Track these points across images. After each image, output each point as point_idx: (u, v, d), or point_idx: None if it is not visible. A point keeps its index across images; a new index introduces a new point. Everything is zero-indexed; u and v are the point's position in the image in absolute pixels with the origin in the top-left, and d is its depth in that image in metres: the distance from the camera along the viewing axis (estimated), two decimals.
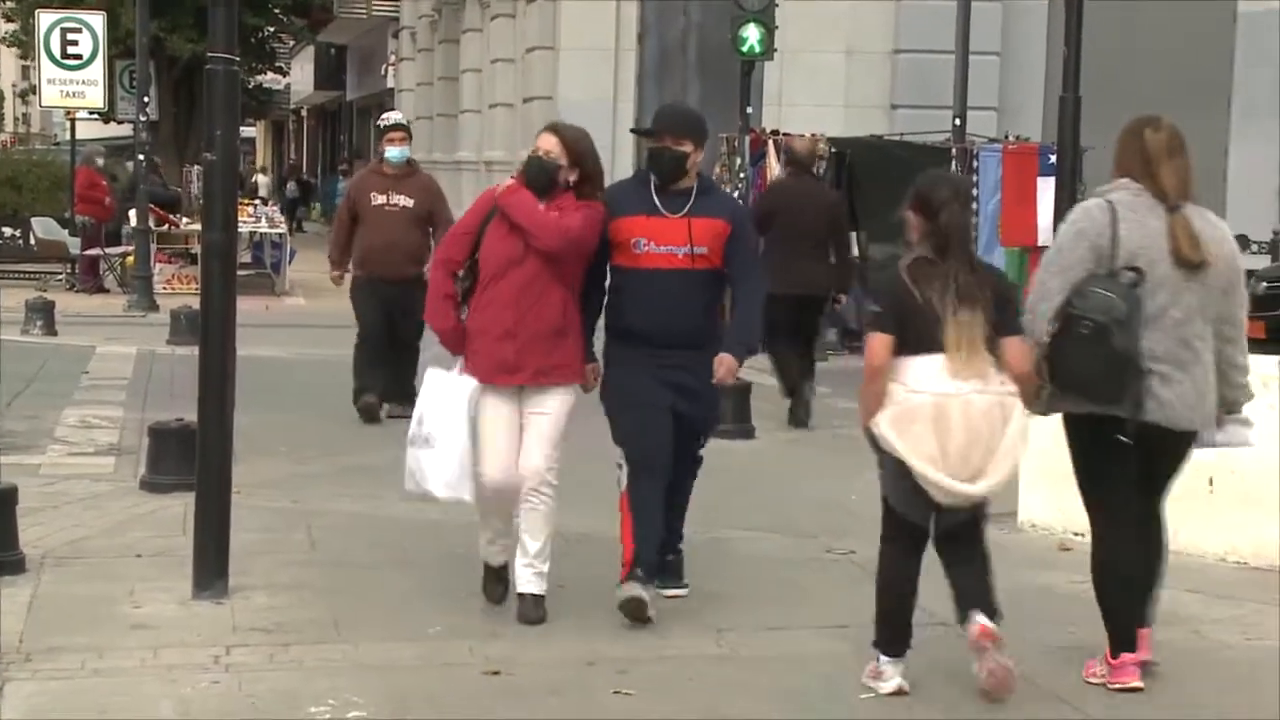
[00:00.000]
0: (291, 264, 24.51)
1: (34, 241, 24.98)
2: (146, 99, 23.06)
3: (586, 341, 6.93)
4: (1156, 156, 6.01)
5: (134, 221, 21.72)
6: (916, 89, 21.83)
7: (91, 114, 28.44)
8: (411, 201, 11.99)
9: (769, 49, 16.68)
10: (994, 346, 5.90)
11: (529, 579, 6.83)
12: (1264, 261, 19.08)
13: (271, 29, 41.22)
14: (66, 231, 24.60)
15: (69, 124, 27.93)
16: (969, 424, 5.80)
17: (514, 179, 6.91)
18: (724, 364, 6.81)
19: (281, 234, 24.64)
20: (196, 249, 19.06)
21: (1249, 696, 6.22)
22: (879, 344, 5.92)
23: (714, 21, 20.27)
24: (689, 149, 6.83)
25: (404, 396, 11.42)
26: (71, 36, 23.87)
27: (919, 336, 5.86)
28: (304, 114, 61.24)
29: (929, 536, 6.06)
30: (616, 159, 18.46)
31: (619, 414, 6.92)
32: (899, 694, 5.98)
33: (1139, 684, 6.08)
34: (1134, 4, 21.93)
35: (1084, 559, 6.36)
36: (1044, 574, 7.84)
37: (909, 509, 5.97)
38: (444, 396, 6.78)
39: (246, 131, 60.19)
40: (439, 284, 6.91)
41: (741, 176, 16.86)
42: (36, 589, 7.12)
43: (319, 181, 52.42)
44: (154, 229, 22.15)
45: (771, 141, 17.00)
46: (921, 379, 5.84)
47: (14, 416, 11.83)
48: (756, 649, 6.61)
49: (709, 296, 6.89)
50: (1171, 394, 5.96)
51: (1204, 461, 6.71)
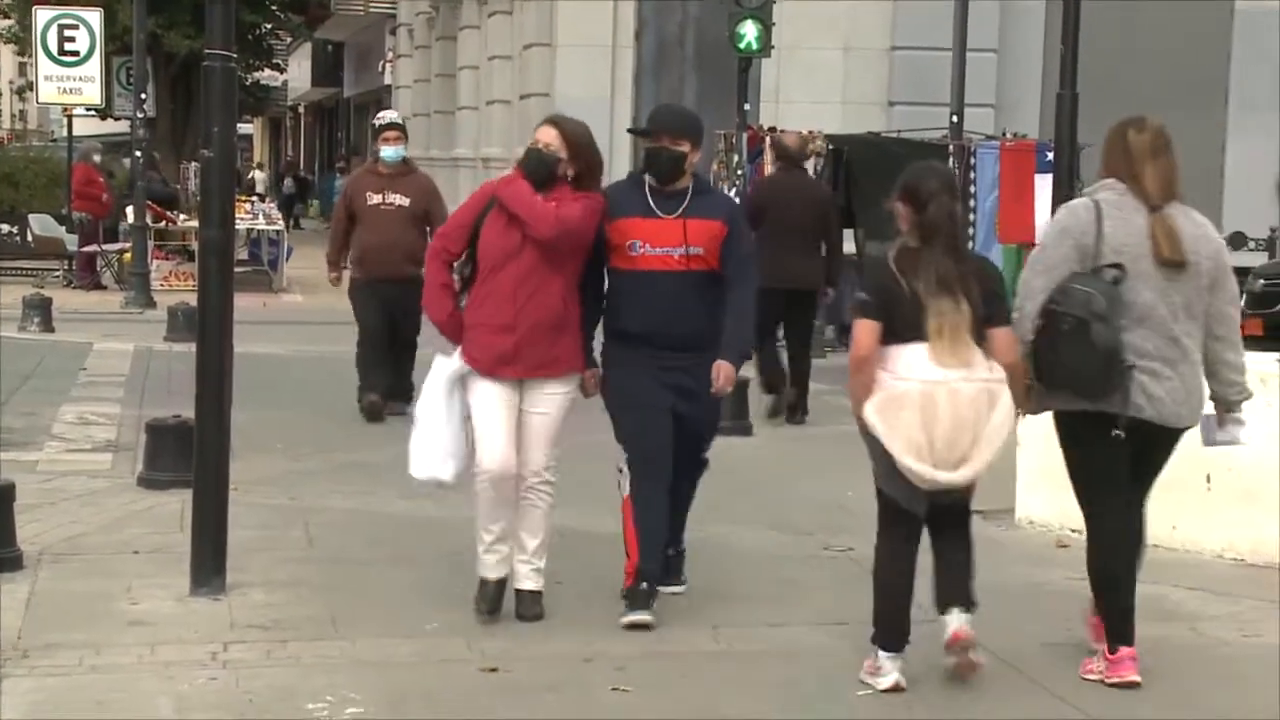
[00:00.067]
0: (289, 261, 24.50)
1: (31, 238, 24.96)
2: (144, 95, 23.06)
3: (587, 339, 6.89)
4: (1140, 157, 6.05)
5: (131, 218, 21.69)
6: (914, 86, 21.82)
7: (89, 110, 28.46)
8: (407, 201, 11.97)
9: (766, 45, 16.63)
10: (982, 336, 5.93)
11: (526, 575, 6.83)
12: (1261, 258, 19.08)
13: (269, 26, 41.11)
14: (64, 228, 24.56)
15: (66, 120, 27.85)
16: (956, 411, 5.82)
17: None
18: (722, 373, 6.75)
19: (279, 231, 24.64)
20: (194, 246, 19.01)
21: (1246, 693, 6.22)
22: (865, 330, 5.96)
23: (711, 18, 20.24)
24: (686, 149, 6.78)
25: (404, 394, 11.48)
26: (69, 33, 23.82)
27: (906, 325, 5.90)
28: (301, 111, 61.21)
29: (924, 526, 6.08)
30: (614, 156, 18.43)
31: (620, 415, 6.89)
32: (896, 690, 5.98)
33: (1136, 678, 6.08)
34: (1131, 2, 21.95)
35: (1081, 556, 6.36)
36: (1041, 570, 7.85)
37: (902, 495, 5.98)
38: (432, 379, 6.80)
39: (244, 128, 60.24)
40: (435, 274, 6.88)
41: (739, 173, 16.84)
42: (34, 586, 7.12)
43: (316, 178, 52.38)
44: (151, 226, 22.13)
45: (769, 138, 16.98)
46: (908, 367, 5.88)
47: (11, 413, 11.82)
48: (754, 645, 6.61)
49: (707, 298, 6.79)
50: (1161, 390, 5.98)
51: (1202, 458, 6.72)
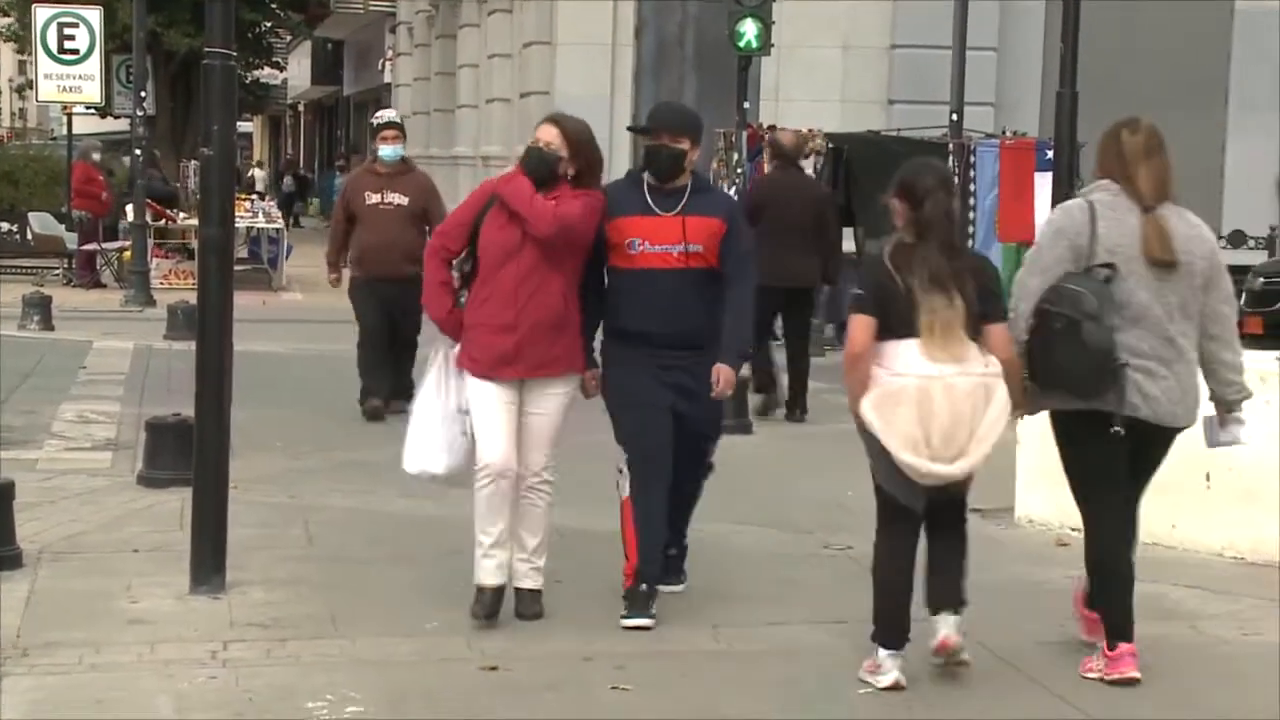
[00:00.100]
0: (288, 259, 24.49)
1: (31, 236, 24.97)
2: (143, 94, 23.05)
3: (587, 340, 6.87)
4: (1133, 158, 6.08)
5: (131, 216, 21.69)
6: (913, 84, 21.82)
7: (88, 109, 28.40)
8: (406, 200, 11.95)
9: (766, 44, 16.61)
10: (977, 333, 5.95)
11: (526, 574, 6.82)
12: (1261, 257, 19.08)
13: (269, 24, 41.15)
14: (63, 226, 24.56)
15: (66, 119, 27.85)
16: (953, 406, 5.83)
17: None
18: (722, 376, 6.71)
19: (279, 229, 24.64)
20: (194, 244, 19.03)
21: (1245, 692, 6.22)
22: (859, 326, 5.98)
23: (711, 16, 20.23)
24: (686, 146, 6.77)
25: (405, 393, 11.43)
26: (68, 31, 23.80)
27: (901, 321, 5.91)
28: (301, 109, 61.20)
29: (922, 522, 6.09)
30: (613, 154, 18.42)
31: (620, 414, 6.87)
32: (896, 689, 5.98)
33: (1136, 674, 6.07)
34: (1131, 1, 21.94)
35: (1081, 554, 6.36)
36: (1041, 569, 7.84)
37: (901, 491, 5.98)
38: (427, 373, 6.83)
39: (243, 126, 60.24)
40: (434, 272, 6.86)
41: (739, 172, 16.84)
42: (34, 584, 7.12)
43: (316, 177, 52.38)
44: (151, 224, 22.13)
45: (768, 136, 16.98)
46: (904, 362, 5.89)
47: (11, 411, 11.82)
48: (753, 644, 6.61)
49: (707, 296, 6.76)
50: (1157, 390, 6.00)
51: (1201, 457, 6.72)
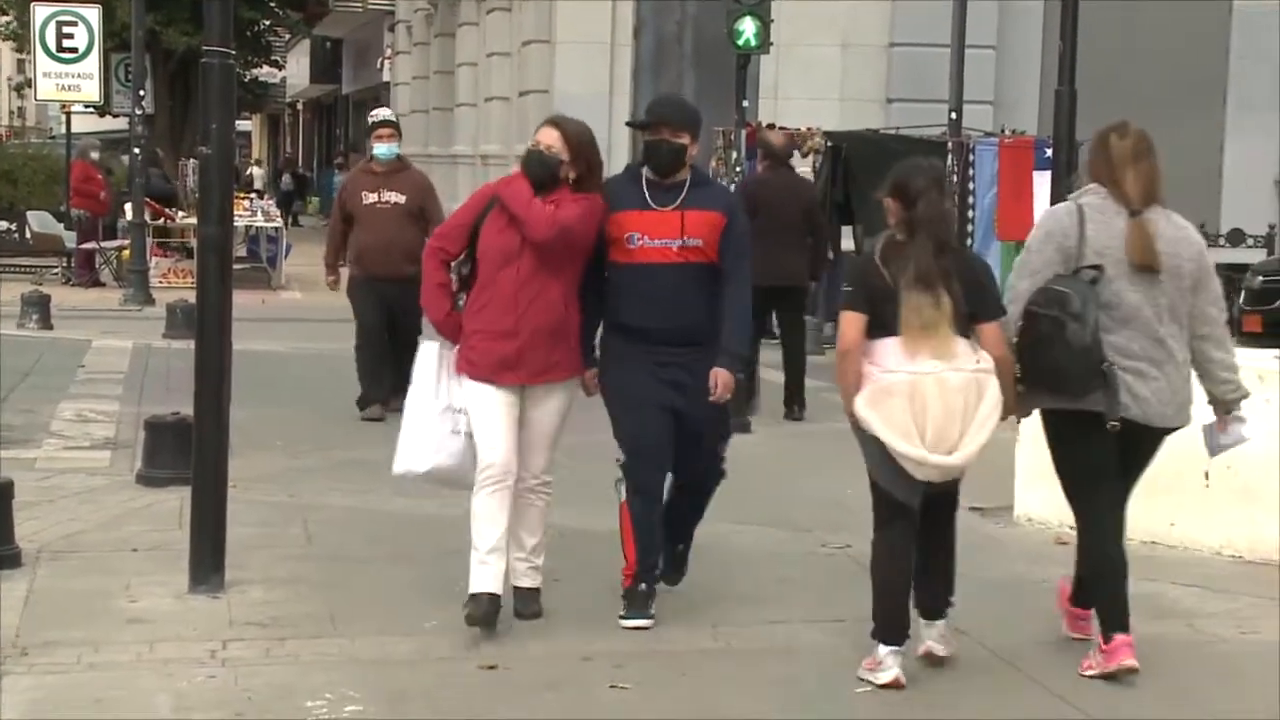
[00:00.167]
0: (287, 258, 24.48)
1: (29, 235, 24.97)
2: (142, 92, 23.02)
3: (587, 342, 6.85)
4: (1121, 162, 6.13)
5: (130, 215, 21.69)
6: (912, 83, 21.83)
7: (87, 107, 28.37)
8: (403, 198, 11.93)
9: (765, 42, 16.62)
10: (967, 330, 5.98)
11: (525, 573, 6.82)
12: (1259, 255, 19.09)
13: (267, 22, 41.13)
14: (62, 225, 24.56)
15: (64, 117, 27.85)
16: (945, 400, 5.85)
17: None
18: (720, 381, 6.66)
19: (277, 228, 24.64)
20: (192, 243, 19.03)
21: (1243, 690, 6.23)
22: (849, 323, 6.01)
23: (710, 15, 20.24)
24: (686, 140, 6.75)
25: (405, 392, 11.39)
26: (67, 29, 23.77)
27: (891, 318, 5.93)
28: (299, 107, 61.17)
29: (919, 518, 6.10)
30: (612, 152, 18.43)
31: (618, 412, 6.85)
32: (896, 687, 5.98)
33: (1133, 663, 6.08)
34: (1131, 1, 21.94)
35: None
36: (1039, 568, 7.84)
37: (896, 487, 5.99)
38: (419, 371, 6.81)
39: (242, 125, 60.18)
40: (432, 273, 6.82)
41: (738, 170, 16.85)
42: (32, 583, 7.12)
43: (315, 175, 52.38)
44: (150, 223, 22.13)
45: (757, 136, 17.00)
46: (894, 359, 5.91)
47: (10, 410, 11.82)
48: (752, 643, 6.61)
49: (706, 291, 6.73)
50: (1148, 390, 6.04)
51: (1200, 456, 6.72)
